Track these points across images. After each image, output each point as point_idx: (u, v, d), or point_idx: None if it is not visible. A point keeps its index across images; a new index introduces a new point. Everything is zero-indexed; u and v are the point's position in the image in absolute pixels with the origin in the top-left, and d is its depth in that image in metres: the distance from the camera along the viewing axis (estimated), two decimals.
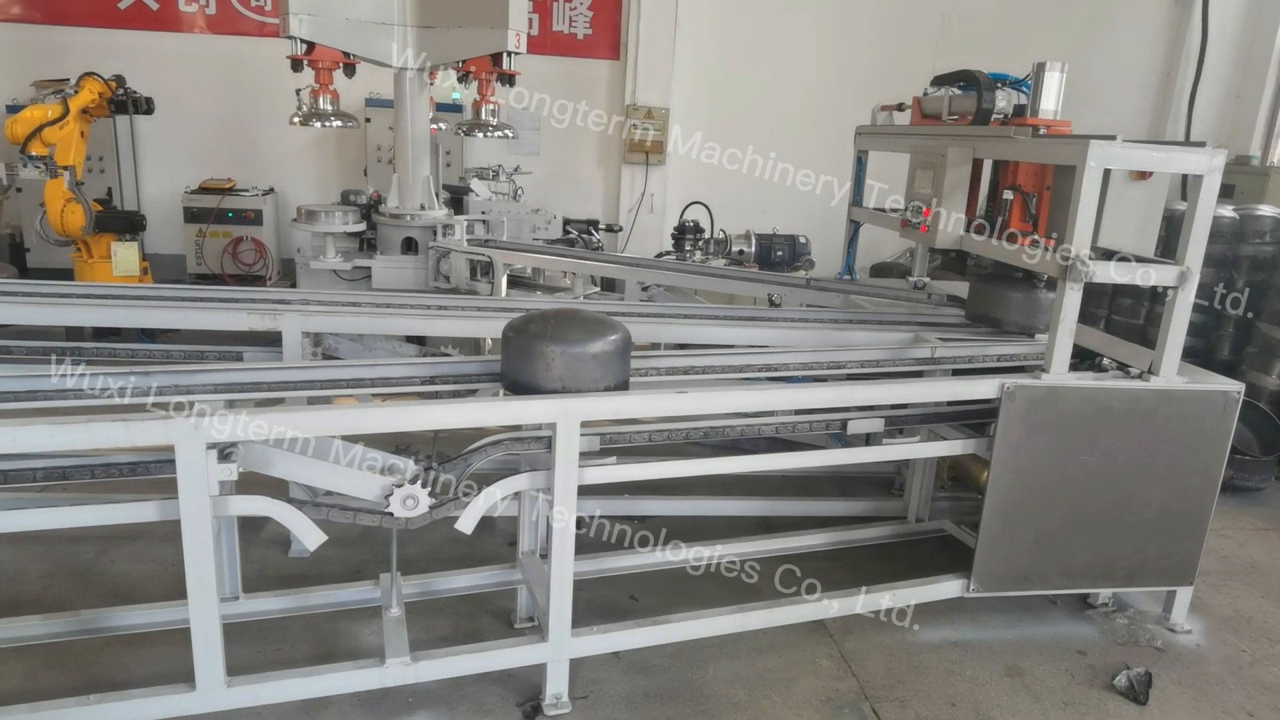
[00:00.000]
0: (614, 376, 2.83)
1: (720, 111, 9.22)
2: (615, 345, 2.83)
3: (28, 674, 2.95)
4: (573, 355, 2.74)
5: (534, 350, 2.75)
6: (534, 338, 2.77)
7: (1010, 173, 3.78)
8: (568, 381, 2.75)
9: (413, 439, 2.86)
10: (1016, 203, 3.66)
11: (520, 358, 2.79)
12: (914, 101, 4.43)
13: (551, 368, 2.73)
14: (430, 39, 5.40)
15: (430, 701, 2.92)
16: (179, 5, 8.51)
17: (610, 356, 2.81)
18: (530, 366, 2.76)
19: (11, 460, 2.55)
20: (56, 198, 6.11)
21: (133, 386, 2.77)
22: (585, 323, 2.86)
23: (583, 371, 2.76)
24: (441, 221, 5.81)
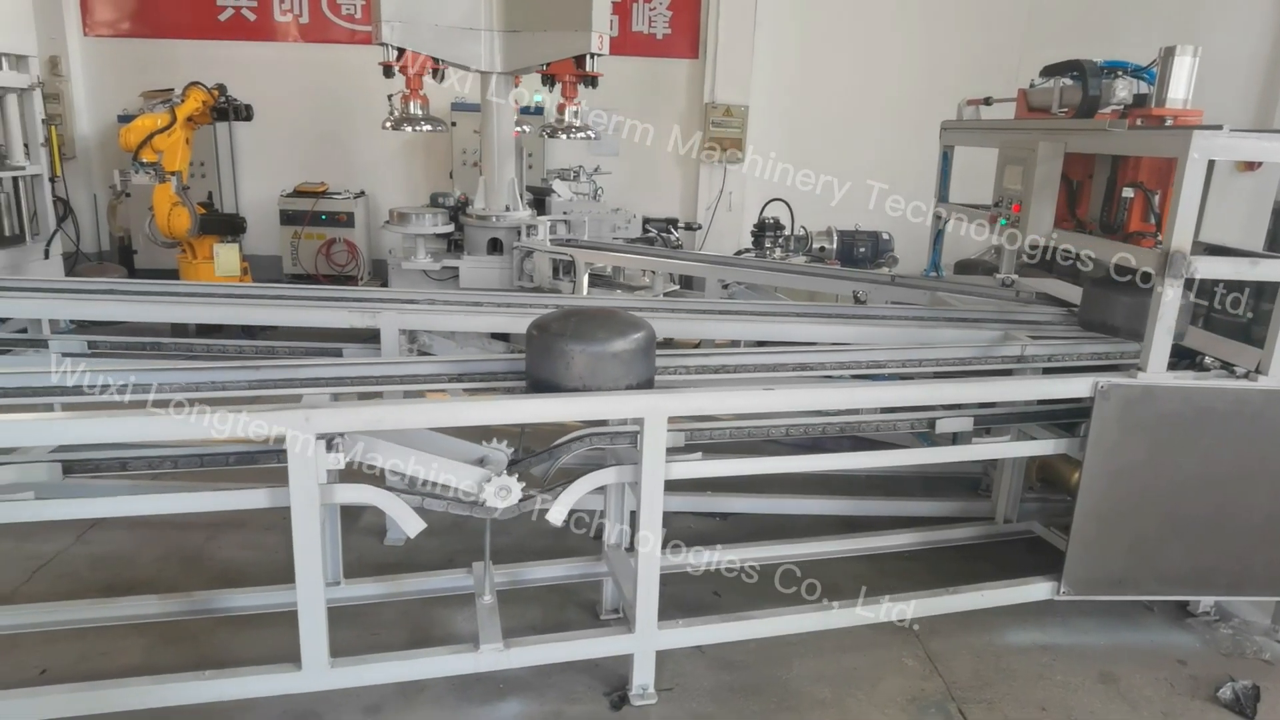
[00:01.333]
0: (635, 375, 2.81)
1: (800, 108, 9.15)
2: (637, 344, 2.80)
3: (146, 650, 3.14)
4: (592, 354, 2.73)
5: (554, 349, 2.76)
6: (555, 336, 2.77)
7: (1131, 169, 3.60)
8: (588, 380, 2.74)
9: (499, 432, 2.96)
10: (1137, 201, 3.49)
11: (541, 356, 2.81)
12: (1019, 94, 4.27)
13: (571, 366, 2.74)
14: (515, 43, 5.52)
15: (520, 688, 3.01)
16: (274, 15, 8.88)
17: (632, 355, 2.78)
18: (551, 365, 2.77)
19: (130, 449, 2.72)
20: (164, 202, 6.46)
21: (242, 380, 2.92)
22: (606, 321, 2.85)
23: (602, 370, 2.75)
24: (525, 222, 5.94)
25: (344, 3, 8.87)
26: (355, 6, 8.85)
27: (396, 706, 2.90)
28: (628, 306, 4.09)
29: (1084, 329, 3.80)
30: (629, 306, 4.10)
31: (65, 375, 2.89)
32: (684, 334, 4.25)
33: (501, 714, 2.90)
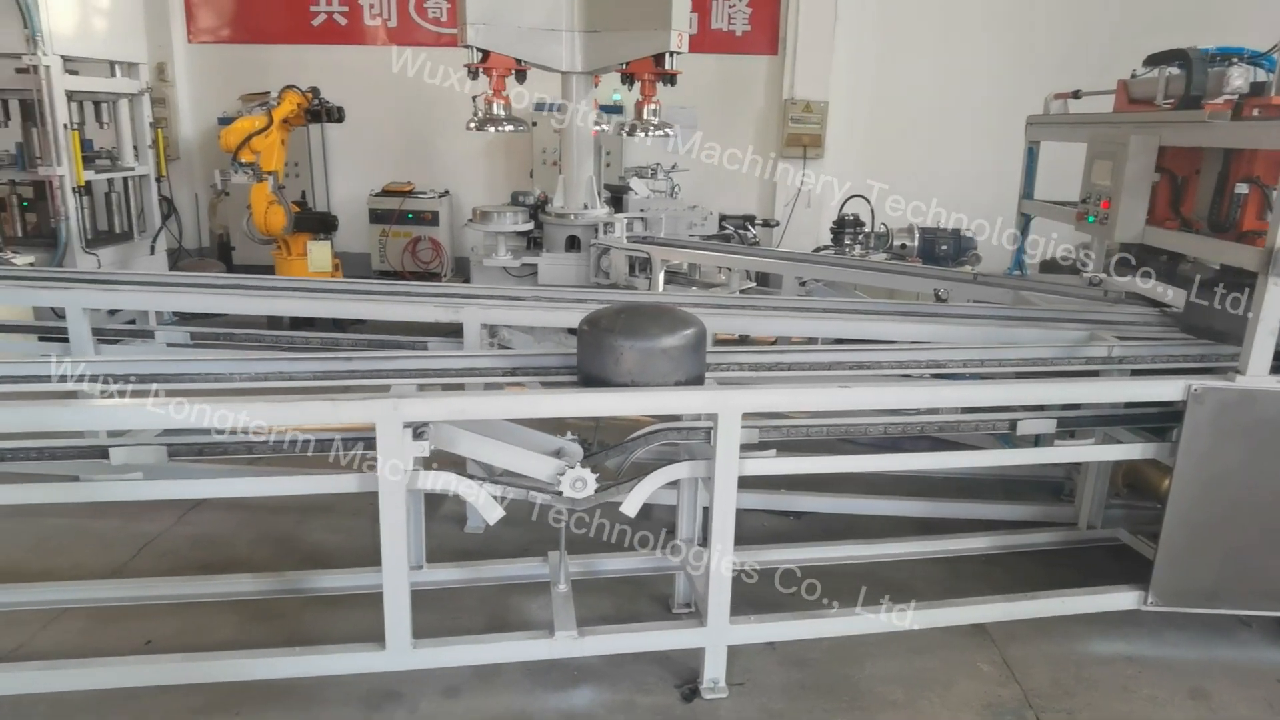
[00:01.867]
0: (684, 371, 2.81)
1: (881, 103, 9.02)
2: (687, 340, 2.80)
3: (240, 626, 3.31)
4: (641, 350, 2.74)
5: (604, 344, 2.78)
6: (604, 332, 2.79)
7: (1245, 163, 3.40)
8: (636, 376, 2.76)
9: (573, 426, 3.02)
10: (1253, 198, 3.30)
11: (592, 352, 2.83)
12: (1118, 86, 4.11)
13: (621, 362, 2.75)
14: (595, 43, 5.60)
15: (593, 676, 3.07)
16: (364, 19, 9.19)
17: (681, 351, 2.78)
18: (600, 360, 2.79)
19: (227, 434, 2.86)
20: (261, 200, 6.76)
21: (333, 371, 3.06)
22: (656, 318, 2.85)
23: (651, 366, 2.76)
24: (602, 220, 6.02)
25: (430, 6, 9.12)
26: (441, 9, 9.08)
27: (474, 689, 2.99)
28: (701, 303, 4.13)
29: (1186, 333, 3.64)
30: (702, 303, 4.14)
31: (169, 364, 3.08)
32: (755, 331, 4.26)
33: (574, 701, 2.97)
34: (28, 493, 2.72)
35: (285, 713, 2.84)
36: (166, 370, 3.07)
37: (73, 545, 3.86)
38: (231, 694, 2.87)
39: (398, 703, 2.91)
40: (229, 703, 2.86)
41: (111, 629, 3.22)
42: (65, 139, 6.50)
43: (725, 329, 4.10)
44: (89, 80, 6.94)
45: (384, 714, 2.86)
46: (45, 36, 6.28)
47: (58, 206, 6.64)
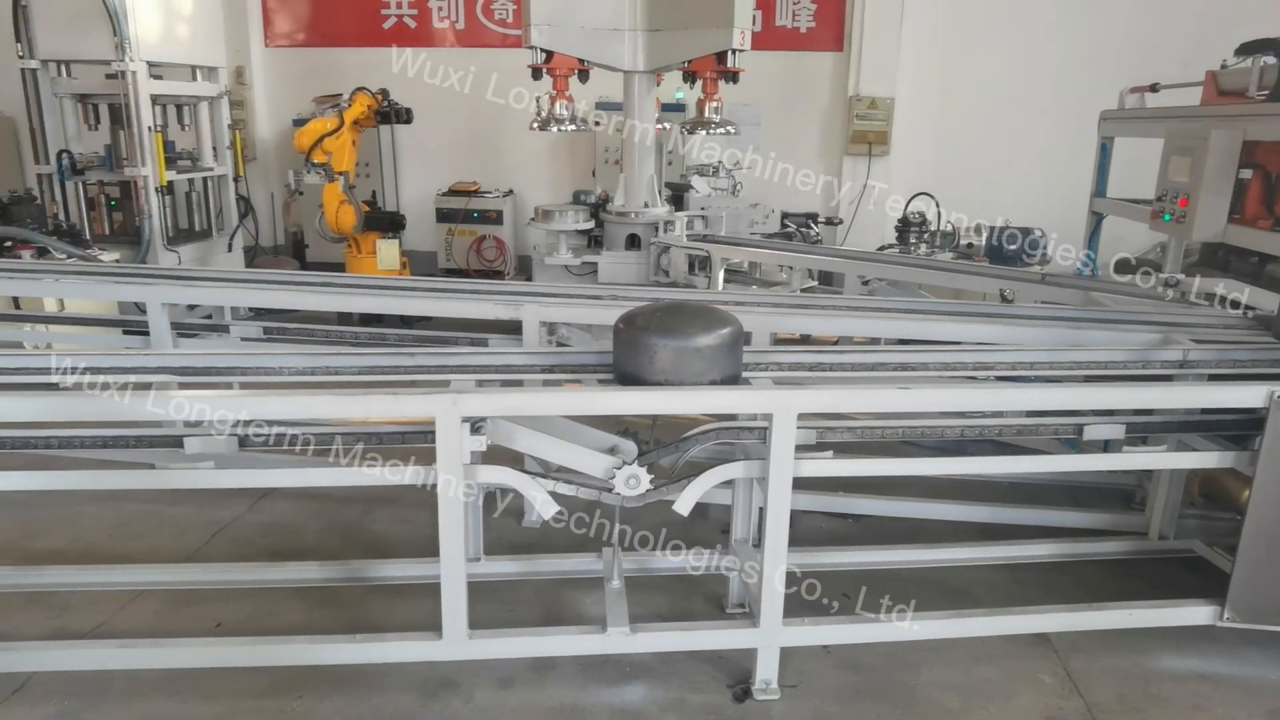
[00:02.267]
0: (719, 371, 2.78)
1: (948, 99, 8.84)
2: (722, 339, 2.78)
3: (306, 612, 3.42)
4: (675, 348, 2.73)
5: (639, 342, 2.77)
6: (640, 330, 2.78)
7: None
8: (670, 375, 2.74)
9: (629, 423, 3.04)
10: None
11: (628, 350, 2.82)
12: (1207, 77, 3.95)
13: (655, 360, 2.74)
14: (658, 42, 5.61)
15: (645, 673, 3.08)
16: (433, 22, 9.37)
17: (716, 350, 2.76)
18: (635, 359, 2.78)
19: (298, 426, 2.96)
20: (332, 200, 6.96)
21: (397, 365, 3.14)
22: (692, 316, 2.83)
23: (686, 365, 2.74)
24: (663, 218, 6.03)
25: (497, 8, 9.25)
26: (507, 11, 9.21)
27: (528, 681, 3.03)
28: (760, 302, 4.11)
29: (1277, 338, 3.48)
30: (761, 302, 4.12)
31: (243, 357, 3.20)
32: (815, 330, 4.22)
33: (626, 696, 2.98)
34: (108, 479, 2.85)
35: (346, 698, 2.92)
36: (240, 364, 3.19)
37: (150, 530, 4.04)
38: (296, 677, 2.97)
39: (454, 692, 2.97)
40: (293, 686, 2.95)
41: (185, 611, 3.36)
42: (149, 141, 6.80)
43: (785, 328, 4.07)
44: (172, 84, 7.24)
45: (440, 702, 2.92)
46: (132, 43, 6.57)
47: (142, 205, 6.95)
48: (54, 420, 2.71)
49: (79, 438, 2.81)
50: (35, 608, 3.35)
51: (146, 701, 2.88)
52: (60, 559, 3.69)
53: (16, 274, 4.65)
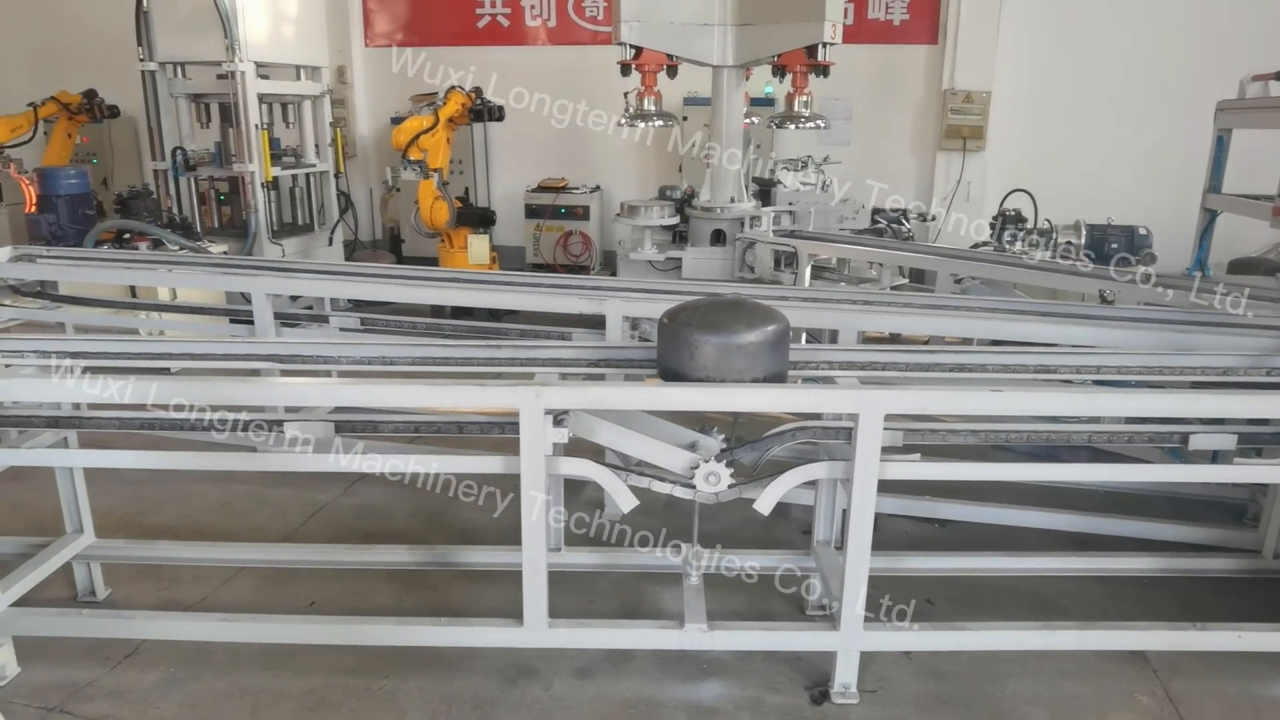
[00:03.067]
0: (762, 368, 2.74)
1: (1048, 92, 8.51)
2: (765, 336, 2.73)
3: (394, 594, 3.54)
4: (718, 345, 2.70)
5: (681, 338, 2.75)
6: (682, 325, 2.76)
7: None
8: (712, 371, 2.72)
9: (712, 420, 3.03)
10: None
11: (670, 345, 2.80)
12: None
13: (696, 356, 2.72)
14: (747, 36, 5.57)
15: (722, 671, 3.08)
16: (525, 20, 9.52)
17: (758, 347, 2.72)
18: (678, 354, 2.77)
19: (391, 414, 3.06)
20: (427, 196, 7.15)
21: (485, 358, 3.21)
22: (736, 312, 2.80)
23: (728, 361, 2.71)
24: (749, 213, 5.99)
25: (588, 5, 9.33)
26: (598, 8, 9.28)
27: (605, 672, 3.07)
28: (846, 299, 4.05)
29: None
30: (847, 299, 4.05)
31: (341, 347, 3.32)
32: (904, 329, 4.13)
33: (703, 693, 2.99)
34: (214, 460, 3.00)
35: (430, 679, 3.01)
36: (338, 353, 3.32)
37: (252, 510, 4.24)
38: (384, 657, 3.08)
39: (533, 679, 3.02)
40: (381, 665, 3.06)
41: (281, 589, 3.51)
42: (256, 138, 7.12)
43: (873, 327, 4.00)
44: (277, 84, 7.56)
45: (520, 689, 2.98)
46: (242, 45, 6.89)
47: (248, 200, 7.29)
48: (166, 403, 2.86)
49: (188, 420, 2.97)
50: (146, 579, 3.57)
51: (243, 673, 3.03)
52: (170, 534, 3.92)
53: (134, 265, 4.95)
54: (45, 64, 9.83)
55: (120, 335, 4.26)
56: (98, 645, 3.10)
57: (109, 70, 8.93)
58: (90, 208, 7.66)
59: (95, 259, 5.06)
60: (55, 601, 3.34)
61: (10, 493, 3.35)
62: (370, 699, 2.93)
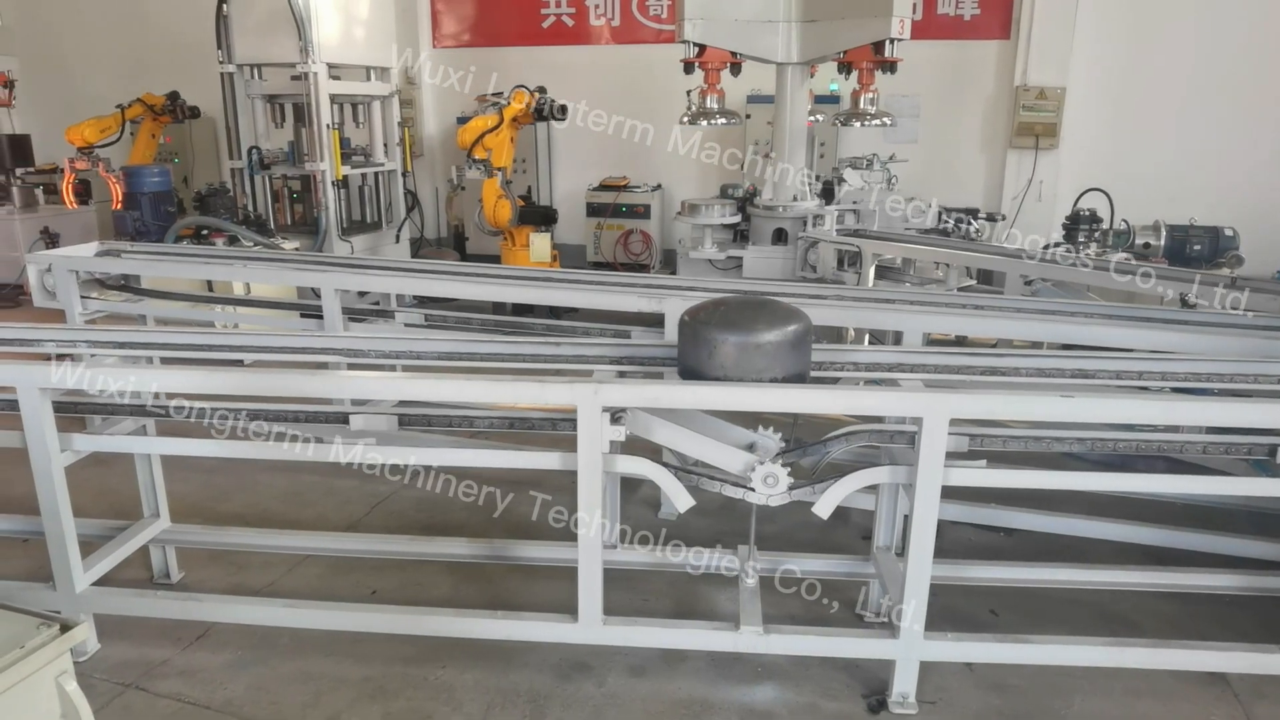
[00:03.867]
0: (782, 368, 2.71)
1: (1126, 87, 8.22)
2: (785, 336, 2.70)
3: (453, 585, 3.59)
4: (736, 344, 2.68)
5: (700, 337, 2.73)
6: (701, 324, 2.74)
7: None
8: (730, 370, 2.70)
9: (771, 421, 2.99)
10: None
11: (690, 343, 2.79)
12: None
13: (715, 355, 2.70)
14: (812, 33, 5.50)
15: (777, 675, 3.05)
16: (590, 20, 9.57)
17: (776, 347, 2.69)
18: (696, 352, 2.75)
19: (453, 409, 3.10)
20: (491, 195, 7.24)
21: (544, 355, 3.23)
22: (756, 312, 2.78)
23: (747, 361, 2.68)
24: (812, 212, 5.92)
25: (652, 4, 9.33)
26: (662, 7, 9.28)
27: (659, 671, 3.06)
28: (910, 300, 3.97)
29: None
30: (911, 300, 3.97)
31: (406, 342, 3.38)
32: (970, 331, 4.03)
33: (757, 697, 2.96)
34: (282, 449, 3.07)
35: (486, 671, 3.05)
36: (403, 348, 3.38)
37: (318, 500, 4.35)
38: (441, 647, 3.12)
39: (587, 674, 3.04)
40: (438, 655, 3.11)
41: (344, 577, 3.60)
42: (327, 138, 7.30)
43: (938, 329, 3.92)
44: (348, 85, 7.74)
45: (574, 684, 3.00)
46: (315, 47, 7.07)
47: (319, 198, 7.48)
48: (238, 394, 2.95)
49: (260, 411, 3.06)
50: (217, 564, 3.69)
51: (307, 659, 3.11)
52: (239, 521, 4.04)
53: (211, 260, 5.13)
54: (132, 68, 10.25)
55: (197, 328, 4.41)
56: (171, 626, 3.22)
57: (190, 73, 9.27)
58: (172, 205, 7.96)
59: (175, 254, 5.25)
60: (133, 583, 3.49)
61: (94, 477, 3.50)
62: (427, 688, 2.98)
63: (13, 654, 1.52)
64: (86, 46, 10.95)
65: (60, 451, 2.94)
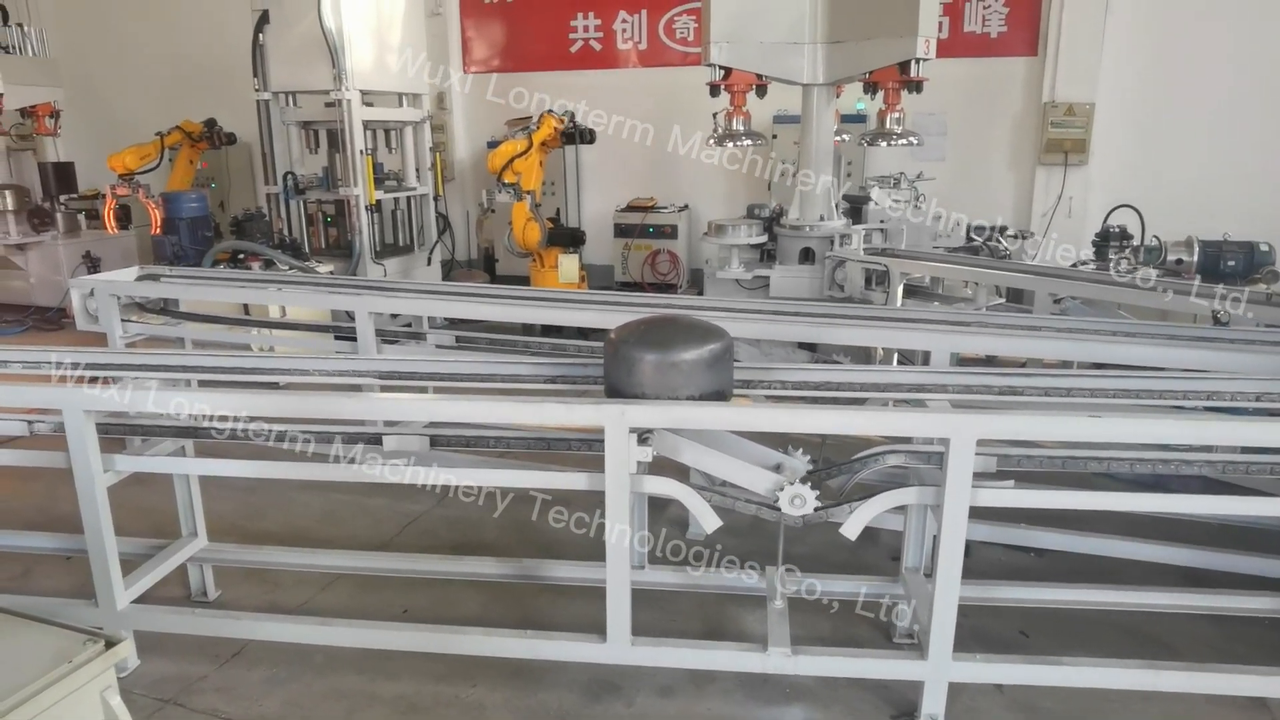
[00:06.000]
0: (697, 386, 2.74)
1: (1156, 102, 8.14)
2: (703, 355, 2.74)
3: (483, 605, 3.63)
4: (652, 362, 2.72)
5: (620, 355, 2.78)
6: (621, 343, 2.80)
7: None
8: (648, 388, 2.74)
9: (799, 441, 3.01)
10: None
11: (611, 361, 2.84)
12: None
13: (633, 373, 2.75)
14: (838, 54, 5.54)
15: (806, 696, 3.04)
16: (617, 44, 9.68)
17: (693, 365, 2.73)
18: (617, 370, 2.80)
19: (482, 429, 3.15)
20: (520, 217, 7.33)
21: (572, 375, 3.27)
22: (676, 330, 2.84)
23: (662, 379, 2.72)
24: (839, 231, 5.92)
25: (679, 27, 9.43)
26: (689, 30, 9.37)
27: (687, 692, 3.07)
28: (938, 319, 3.96)
29: None
30: (939, 319, 3.97)
31: (437, 363, 3.44)
32: (1001, 350, 4.01)
33: (785, 718, 2.96)
34: (316, 469, 3.14)
35: (515, 690, 3.08)
36: (434, 369, 3.44)
37: (351, 519, 4.42)
38: (471, 666, 3.16)
39: (615, 695, 3.05)
40: (469, 674, 3.14)
41: (376, 595, 3.65)
42: (361, 163, 7.44)
43: (967, 348, 3.90)
44: (381, 111, 7.89)
45: (603, 704, 3.02)
46: (348, 74, 7.23)
47: (353, 222, 7.62)
48: (274, 415, 3.02)
49: (294, 432, 3.13)
50: (252, 582, 3.76)
51: (340, 676, 3.16)
52: (275, 540, 4.11)
53: (247, 284, 5.24)
54: (170, 96, 10.54)
55: (234, 351, 4.51)
56: (208, 642, 3.28)
57: (227, 100, 9.51)
58: (209, 229, 8.15)
59: (212, 278, 5.38)
60: (171, 600, 3.56)
61: (133, 496, 3.58)
62: (458, 706, 3.01)
63: (61, 668, 1.58)
64: (128, 76, 11.29)
65: (103, 472, 3.03)
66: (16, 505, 4.53)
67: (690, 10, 9.26)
